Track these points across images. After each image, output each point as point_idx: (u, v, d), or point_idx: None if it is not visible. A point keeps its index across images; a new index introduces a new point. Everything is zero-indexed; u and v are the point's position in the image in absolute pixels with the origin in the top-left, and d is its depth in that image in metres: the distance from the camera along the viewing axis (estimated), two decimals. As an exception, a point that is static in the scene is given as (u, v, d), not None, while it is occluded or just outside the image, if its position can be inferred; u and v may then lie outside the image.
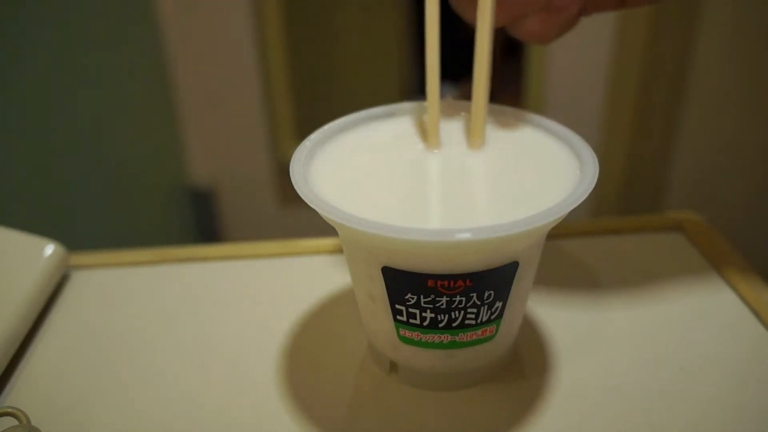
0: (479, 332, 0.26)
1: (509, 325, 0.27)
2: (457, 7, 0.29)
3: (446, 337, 0.25)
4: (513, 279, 0.25)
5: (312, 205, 0.23)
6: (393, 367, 0.29)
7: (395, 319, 0.26)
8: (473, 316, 0.25)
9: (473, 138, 0.28)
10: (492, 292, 0.24)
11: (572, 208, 0.23)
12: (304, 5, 1.22)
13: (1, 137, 0.59)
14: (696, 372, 0.29)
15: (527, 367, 0.30)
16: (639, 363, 0.29)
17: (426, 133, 0.29)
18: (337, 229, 0.24)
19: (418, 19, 1.33)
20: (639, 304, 0.33)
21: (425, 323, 0.25)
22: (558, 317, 0.32)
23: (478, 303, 0.24)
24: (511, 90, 1.36)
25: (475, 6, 0.27)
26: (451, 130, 0.29)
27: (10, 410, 0.26)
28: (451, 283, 0.23)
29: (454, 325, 0.25)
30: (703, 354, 0.30)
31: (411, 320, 0.25)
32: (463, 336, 0.25)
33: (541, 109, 1.14)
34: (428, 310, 0.25)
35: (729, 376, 0.29)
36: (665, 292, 0.34)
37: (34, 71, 0.66)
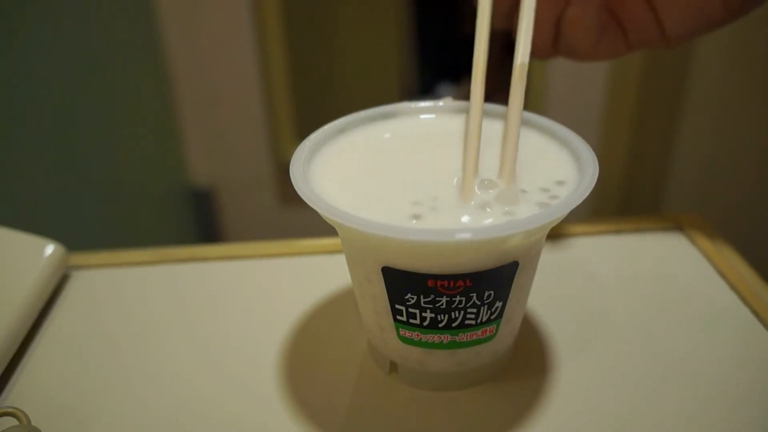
0: (479, 332, 0.26)
1: (509, 325, 0.27)
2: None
3: (446, 337, 0.25)
4: (513, 279, 0.25)
5: (312, 205, 0.23)
6: (393, 367, 0.29)
7: (395, 319, 0.26)
8: (473, 316, 0.25)
9: (502, 172, 0.26)
10: (492, 292, 0.24)
11: (572, 208, 0.23)
12: (304, 5, 1.22)
13: (1, 137, 0.59)
14: (696, 372, 0.29)
15: (527, 367, 0.29)
16: (638, 363, 0.29)
17: (426, 134, 0.29)
18: (337, 229, 0.24)
19: (418, 19, 1.33)
20: (639, 304, 0.33)
21: (425, 323, 0.25)
22: (558, 317, 0.32)
23: (478, 303, 0.24)
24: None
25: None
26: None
27: (10, 410, 0.26)
28: (451, 283, 0.23)
29: (454, 325, 0.25)
30: (702, 354, 0.30)
31: (411, 320, 0.25)
32: (463, 336, 0.25)
33: (541, 109, 1.14)
34: (428, 310, 0.24)
35: (729, 376, 0.29)
36: (665, 292, 0.34)
37: (34, 72, 0.66)
